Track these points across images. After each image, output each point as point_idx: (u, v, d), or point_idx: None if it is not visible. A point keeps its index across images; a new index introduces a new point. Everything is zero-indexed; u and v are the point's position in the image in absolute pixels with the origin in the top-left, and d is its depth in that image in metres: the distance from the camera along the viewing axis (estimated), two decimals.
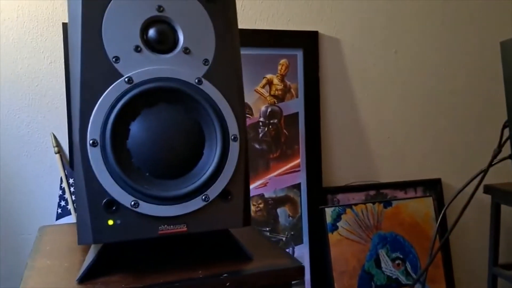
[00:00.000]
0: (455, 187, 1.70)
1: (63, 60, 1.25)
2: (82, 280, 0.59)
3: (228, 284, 0.60)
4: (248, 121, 1.43)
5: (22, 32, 1.23)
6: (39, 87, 1.25)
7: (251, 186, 1.42)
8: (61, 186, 1.25)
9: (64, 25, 1.24)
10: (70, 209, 1.24)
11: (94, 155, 0.57)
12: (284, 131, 1.47)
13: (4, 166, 1.23)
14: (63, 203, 1.25)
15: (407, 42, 1.63)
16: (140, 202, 0.58)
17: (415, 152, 1.67)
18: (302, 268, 0.65)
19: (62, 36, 1.24)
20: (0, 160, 1.23)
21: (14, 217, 1.24)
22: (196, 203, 0.61)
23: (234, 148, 0.63)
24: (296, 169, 1.48)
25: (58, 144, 1.26)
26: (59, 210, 1.25)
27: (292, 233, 1.49)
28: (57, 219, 1.24)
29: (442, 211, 1.17)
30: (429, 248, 1.18)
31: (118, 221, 0.58)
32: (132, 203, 0.58)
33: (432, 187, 1.67)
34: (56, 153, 1.25)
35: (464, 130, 1.73)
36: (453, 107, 1.70)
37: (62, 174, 1.25)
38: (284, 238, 1.48)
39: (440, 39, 1.66)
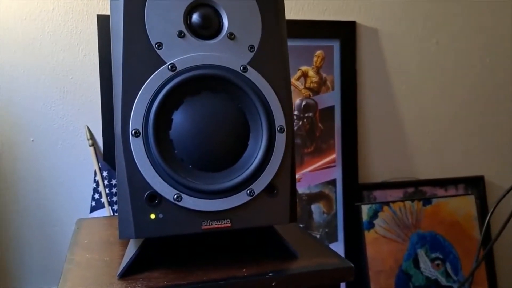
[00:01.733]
0: (499, 185, 1.62)
1: (98, 53, 1.24)
2: (123, 275, 0.57)
3: (274, 283, 0.57)
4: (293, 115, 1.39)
5: (57, 24, 1.23)
6: (74, 80, 1.25)
7: None
8: (95, 179, 1.25)
9: (99, 17, 1.23)
10: (103, 202, 1.24)
11: (136, 146, 0.54)
12: (319, 125, 1.43)
13: (39, 159, 1.23)
14: (96, 196, 1.25)
15: (449, 32, 1.55)
16: (183, 195, 0.55)
17: (456, 148, 1.60)
18: (352, 269, 0.61)
19: (96, 28, 1.23)
20: (36, 152, 1.23)
21: (49, 209, 1.25)
22: (241, 198, 0.58)
23: (281, 140, 0.60)
24: (331, 165, 1.44)
25: (92, 137, 1.26)
26: (93, 203, 1.24)
27: (327, 230, 1.44)
28: (91, 211, 1.24)
29: (488, 216, 1.10)
30: (476, 251, 1.12)
31: (161, 215, 0.55)
32: (175, 196, 0.55)
33: (475, 185, 1.60)
34: (90, 146, 1.25)
35: (509, 125, 1.64)
36: (498, 100, 1.62)
37: (96, 167, 1.25)
38: (318, 235, 1.44)
39: (484, 28, 1.58)
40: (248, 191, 0.58)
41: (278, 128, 0.60)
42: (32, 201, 1.24)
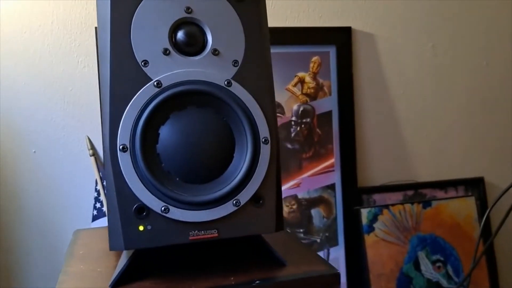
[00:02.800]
0: (499, 187, 1.62)
1: (96, 65, 1.26)
2: (114, 285, 0.59)
3: None
4: (280, 121, 1.41)
5: (57, 37, 1.26)
6: (74, 91, 1.28)
7: (284, 187, 1.40)
8: (96, 188, 1.27)
9: (97, 30, 1.25)
10: (105, 211, 1.26)
11: (124, 161, 0.56)
12: (317, 130, 1.44)
13: (41, 169, 1.26)
14: (98, 205, 1.27)
15: (445, 36, 1.56)
16: (171, 207, 0.57)
17: (455, 150, 1.60)
18: (338, 275, 0.62)
19: (95, 40, 1.26)
20: (37, 163, 1.25)
21: (51, 219, 1.27)
22: (227, 208, 0.60)
23: (265, 151, 0.61)
24: (330, 169, 1.45)
25: (92, 147, 1.28)
26: (95, 212, 1.26)
27: (327, 234, 1.45)
28: (93, 220, 1.26)
29: (486, 214, 1.12)
30: (474, 251, 1.13)
31: (149, 227, 0.57)
32: (163, 208, 0.57)
33: (474, 186, 1.60)
34: (91, 156, 1.27)
35: (508, 126, 1.64)
36: (496, 102, 1.62)
37: (97, 176, 1.27)
38: (318, 240, 1.45)
39: (481, 31, 1.59)
40: (234, 202, 0.60)
41: (263, 140, 0.61)
42: (34, 211, 1.26)
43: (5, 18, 1.21)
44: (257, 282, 0.59)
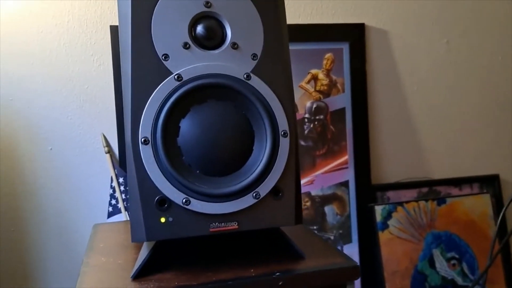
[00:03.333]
0: None
1: (111, 62, 1.27)
2: (136, 276, 0.59)
3: (281, 283, 0.59)
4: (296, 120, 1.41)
5: (72, 36, 1.27)
6: (89, 89, 1.29)
7: None
8: (111, 185, 1.28)
9: (112, 28, 1.26)
10: (120, 208, 1.27)
11: (146, 153, 0.57)
12: (331, 127, 1.44)
13: (58, 167, 1.27)
14: (113, 201, 1.28)
15: (459, 32, 1.55)
16: (192, 199, 0.58)
17: (470, 147, 1.59)
18: (357, 268, 0.62)
19: (110, 38, 1.27)
20: (54, 161, 1.27)
21: (68, 216, 1.29)
22: (247, 201, 0.60)
23: (284, 144, 0.62)
24: (344, 166, 1.45)
25: (108, 144, 1.29)
26: (110, 209, 1.28)
27: (341, 231, 1.45)
28: (108, 217, 1.28)
29: (502, 211, 1.10)
30: (490, 248, 1.12)
31: (170, 219, 0.58)
32: (184, 200, 0.58)
33: (490, 183, 1.59)
34: (106, 153, 1.28)
35: None
36: (510, 98, 1.60)
37: (112, 173, 1.28)
38: (332, 237, 1.45)
39: (495, 26, 1.57)
40: (254, 194, 0.60)
41: (282, 133, 0.62)
42: (51, 208, 1.28)
43: (21, 17, 1.23)
44: (277, 274, 0.59)
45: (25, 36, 1.23)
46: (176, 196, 0.58)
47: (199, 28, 0.60)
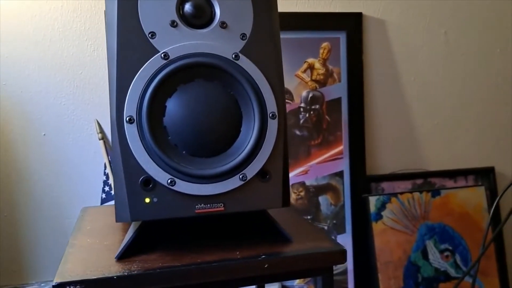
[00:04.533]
0: (510, 176, 1.60)
1: (106, 48, 1.26)
2: (120, 257, 0.59)
3: (266, 265, 0.58)
4: (289, 107, 1.40)
5: (67, 21, 1.26)
6: (83, 75, 1.28)
7: (291, 174, 1.39)
8: (105, 172, 1.28)
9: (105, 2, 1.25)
10: (113, 195, 1.27)
11: (131, 132, 0.56)
12: (326, 117, 1.43)
13: (51, 152, 1.27)
14: (107, 188, 1.28)
15: (457, 22, 1.53)
16: (177, 180, 0.57)
17: (465, 139, 1.59)
18: (344, 252, 0.62)
19: (104, 24, 1.26)
20: (47, 146, 1.26)
21: (60, 201, 1.28)
22: (234, 182, 0.59)
23: (273, 126, 0.61)
24: (339, 156, 1.44)
25: (102, 131, 1.29)
26: (103, 195, 1.27)
27: (335, 221, 1.45)
28: (101, 203, 1.27)
29: (495, 202, 1.10)
30: (482, 239, 1.12)
31: (155, 199, 0.57)
32: (169, 181, 0.57)
33: (485, 176, 1.58)
34: (100, 140, 1.28)
35: None
36: (507, 90, 1.60)
37: (106, 160, 1.27)
38: (326, 227, 1.44)
39: (493, 18, 1.56)
40: (240, 176, 0.59)
41: (270, 115, 0.61)
42: (44, 194, 1.27)
43: (15, 2, 1.21)
44: (263, 256, 0.59)
45: (19, 20, 1.22)
46: (161, 176, 0.57)
47: (187, 6, 0.59)
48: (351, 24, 1.43)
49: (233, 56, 0.60)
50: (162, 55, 0.57)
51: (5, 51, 1.22)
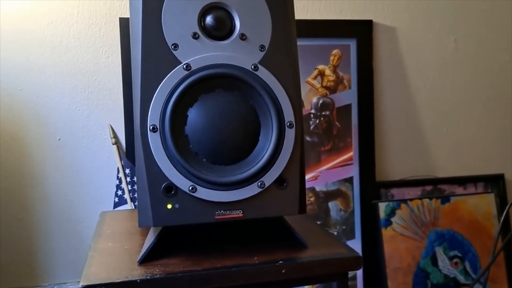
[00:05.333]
0: None
1: (120, 54, 1.29)
2: (142, 261, 0.61)
3: (284, 271, 0.60)
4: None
5: (82, 28, 1.28)
6: (98, 81, 1.30)
7: None
8: (118, 176, 1.30)
9: (121, 20, 1.27)
10: (126, 198, 1.29)
11: (154, 141, 0.58)
12: (336, 123, 1.45)
13: (65, 156, 1.29)
14: (119, 192, 1.29)
15: (467, 30, 1.54)
16: (198, 187, 0.59)
17: (475, 146, 1.59)
18: (359, 259, 0.63)
19: (119, 30, 1.28)
20: (62, 151, 1.29)
21: (74, 205, 1.30)
22: (252, 190, 0.61)
23: (290, 135, 0.63)
24: (349, 163, 1.45)
25: (115, 136, 1.30)
26: (116, 199, 1.29)
27: (344, 227, 1.46)
28: (114, 207, 1.29)
29: (506, 210, 1.11)
30: (492, 246, 1.13)
31: (177, 205, 0.59)
32: (190, 188, 0.59)
33: (494, 183, 1.59)
34: (113, 144, 1.30)
35: None
36: None
37: (119, 165, 1.29)
38: (335, 233, 1.45)
39: (503, 25, 1.57)
40: (259, 183, 0.61)
41: (288, 124, 0.63)
42: (58, 197, 1.29)
43: (32, 9, 1.24)
44: (280, 262, 0.60)
45: (35, 27, 1.25)
46: (183, 183, 0.59)
47: (209, 19, 0.61)
48: (361, 32, 1.45)
49: (252, 67, 0.62)
50: (185, 66, 0.59)
51: (22, 57, 1.24)
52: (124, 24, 1.27)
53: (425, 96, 1.53)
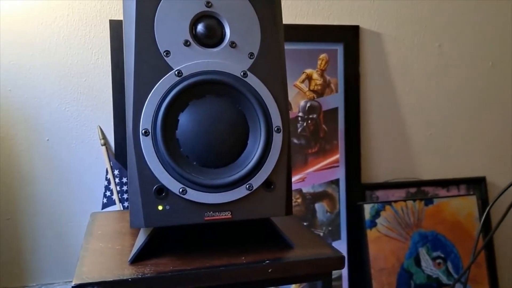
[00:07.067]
0: (501, 186, 1.65)
1: (110, 56, 1.29)
2: (133, 261, 0.62)
3: (270, 270, 0.62)
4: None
5: (72, 29, 1.29)
6: (87, 82, 1.31)
7: None
8: (106, 177, 1.30)
9: (111, 22, 1.28)
10: (114, 199, 1.30)
11: (146, 144, 0.60)
12: (323, 126, 1.47)
13: (54, 157, 1.29)
14: (108, 193, 1.30)
15: (452, 36, 1.59)
16: (188, 189, 0.61)
17: (458, 149, 1.63)
18: (343, 258, 0.66)
19: (109, 32, 1.29)
20: (50, 152, 1.29)
21: (63, 206, 1.30)
22: (240, 192, 0.63)
23: (278, 139, 0.65)
24: (335, 165, 1.48)
25: (104, 137, 1.31)
26: (105, 200, 1.30)
27: (330, 228, 1.49)
28: (102, 208, 1.30)
29: (486, 210, 1.14)
30: (473, 247, 1.16)
31: (167, 207, 0.61)
32: (181, 190, 0.61)
33: (476, 185, 1.63)
34: (102, 145, 1.30)
35: (511, 127, 1.67)
36: (499, 102, 1.65)
37: (108, 166, 1.30)
38: (321, 234, 1.48)
39: (487, 31, 1.61)
40: (247, 186, 0.63)
41: (276, 129, 0.65)
42: (47, 198, 1.29)
43: (22, 10, 1.24)
44: (267, 262, 0.63)
45: (25, 27, 1.25)
46: (174, 185, 0.61)
47: (200, 27, 0.63)
48: (348, 37, 1.48)
49: (242, 73, 0.64)
50: (176, 72, 0.61)
51: (11, 58, 1.24)
52: (114, 26, 1.28)
53: (410, 101, 1.57)
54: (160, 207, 0.60)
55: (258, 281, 0.64)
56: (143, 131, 0.60)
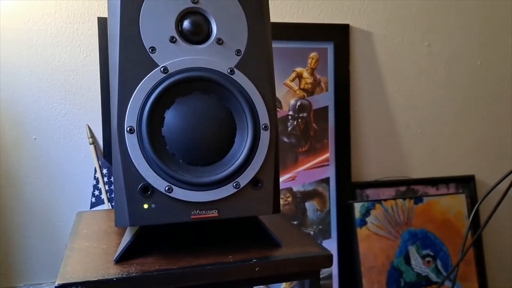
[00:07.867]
0: (489, 185, 1.66)
1: (98, 54, 1.28)
2: (118, 260, 0.62)
3: (257, 269, 0.62)
4: (277, 115, 1.43)
5: (60, 26, 1.28)
6: (75, 80, 1.30)
7: None
8: (95, 176, 1.29)
9: (99, 20, 1.27)
10: (103, 199, 1.28)
11: (131, 142, 0.59)
12: (314, 125, 1.47)
13: (42, 156, 1.28)
14: (96, 192, 1.29)
15: (441, 35, 1.60)
16: (174, 187, 0.60)
17: (448, 148, 1.64)
18: (330, 257, 0.65)
19: (97, 30, 1.28)
20: (38, 150, 1.28)
21: (51, 205, 1.29)
22: (227, 190, 0.63)
23: (265, 137, 0.65)
24: (325, 163, 1.48)
25: (92, 136, 1.30)
26: (93, 199, 1.29)
27: (320, 227, 1.49)
28: (91, 207, 1.29)
29: (475, 207, 1.15)
30: (462, 245, 1.17)
31: (153, 205, 0.60)
32: (166, 188, 0.60)
33: (465, 184, 1.64)
34: (90, 144, 1.29)
35: (499, 126, 1.68)
36: (488, 102, 1.66)
37: (96, 165, 1.29)
38: (312, 232, 1.48)
39: (475, 31, 1.62)
40: (234, 184, 0.63)
41: (263, 126, 0.64)
42: (35, 197, 1.28)
43: (8, 7, 1.23)
44: (254, 260, 0.62)
45: (11, 25, 1.24)
46: (159, 183, 0.60)
47: (186, 23, 0.62)
48: (338, 35, 1.48)
49: (229, 70, 0.63)
50: (162, 69, 0.61)
51: None
52: (102, 23, 1.27)
53: (399, 99, 1.57)
54: (145, 206, 0.60)
55: (245, 280, 0.63)
56: (128, 129, 0.59)
